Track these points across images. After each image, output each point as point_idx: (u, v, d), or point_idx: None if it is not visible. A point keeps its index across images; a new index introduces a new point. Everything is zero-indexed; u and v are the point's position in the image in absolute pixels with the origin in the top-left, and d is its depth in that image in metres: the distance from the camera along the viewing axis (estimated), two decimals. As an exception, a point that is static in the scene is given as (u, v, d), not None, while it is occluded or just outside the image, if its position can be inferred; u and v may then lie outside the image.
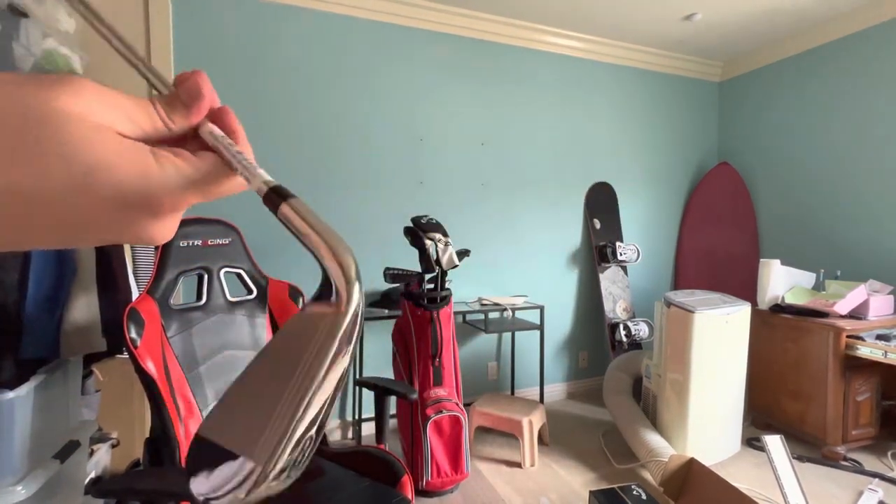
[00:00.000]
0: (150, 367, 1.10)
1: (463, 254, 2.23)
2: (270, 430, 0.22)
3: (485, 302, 2.81)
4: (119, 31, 0.29)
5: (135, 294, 1.59)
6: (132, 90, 0.24)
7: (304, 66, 2.53)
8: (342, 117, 2.61)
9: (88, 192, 0.21)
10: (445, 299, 2.13)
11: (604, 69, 3.30)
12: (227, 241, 1.47)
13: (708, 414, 2.23)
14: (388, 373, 2.76)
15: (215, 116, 0.29)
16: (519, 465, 2.31)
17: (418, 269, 2.16)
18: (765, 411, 2.68)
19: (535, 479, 2.18)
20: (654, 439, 2.19)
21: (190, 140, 0.28)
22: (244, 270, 1.51)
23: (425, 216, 2.16)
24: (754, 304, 2.75)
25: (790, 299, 2.62)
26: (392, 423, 2.78)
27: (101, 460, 1.67)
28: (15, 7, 1.35)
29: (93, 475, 1.58)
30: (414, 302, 2.11)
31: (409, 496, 1.27)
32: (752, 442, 2.50)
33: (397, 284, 2.64)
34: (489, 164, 2.98)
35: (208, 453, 0.22)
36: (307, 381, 0.23)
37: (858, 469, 2.23)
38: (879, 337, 2.25)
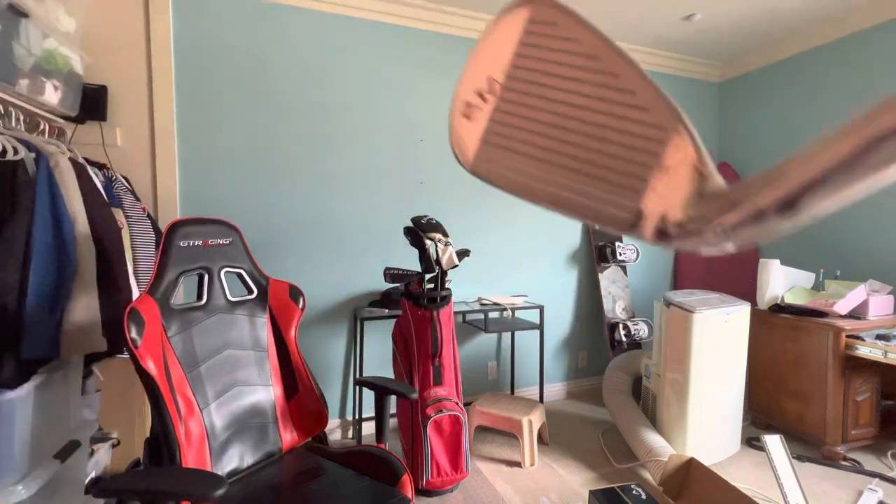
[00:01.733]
0: (151, 366, 1.10)
1: (463, 254, 2.23)
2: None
3: (485, 302, 2.81)
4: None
5: (135, 294, 1.59)
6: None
7: (305, 67, 2.53)
8: (342, 117, 2.61)
9: None
10: (445, 299, 2.13)
11: (604, 69, 3.30)
12: (228, 242, 1.47)
13: (707, 414, 2.23)
14: (388, 372, 2.76)
15: None
16: (519, 464, 2.31)
17: (418, 269, 2.16)
18: (764, 411, 2.68)
19: (534, 479, 2.18)
20: (653, 439, 2.19)
21: None
22: (244, 270, 1.51)
23: (425, 216, 2.16)
24: (754, 304, 2.75)
25: (790, 299, 2.62)
26: (392, 422, 2.79)
27: (101, 460, 1.68)
28: (15, 7, 1.35)
29: (93, 475, 1.58)
30: (414, 302, 2.11)
31: (409, 495, 1.27)
32: (751, 442, 2.50)
33: (397, 284, 2.64)
34: (489, 164, 2.98)
35: None
36: None
37: (858, 469, 2.23)
38: (879, 337, 2.25)
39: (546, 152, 0.31)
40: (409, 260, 2.79)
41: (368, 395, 2.67)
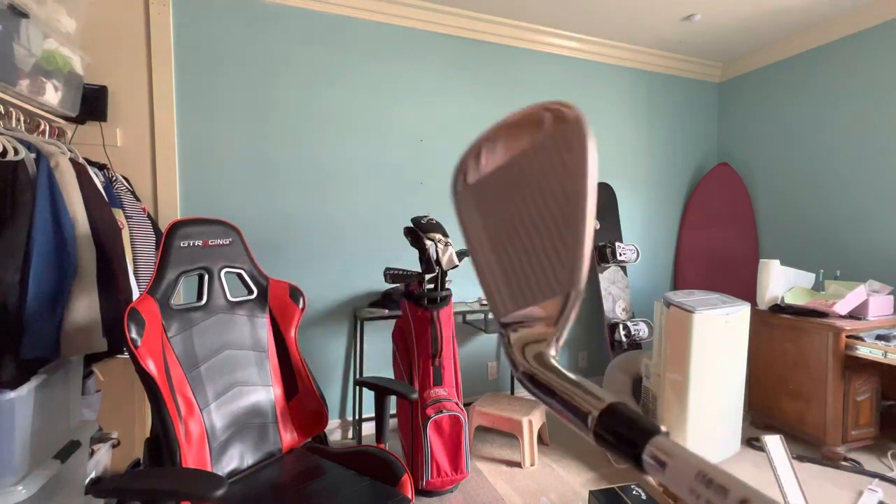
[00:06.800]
0: (151, 366, 1.10)
1: (463, 254, 2.23)
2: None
3: (485, 302, 2.81)
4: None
5: (135, 294, 1.59)
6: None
7: (305, 67, 2.53)
8: (342, 118, 2.61)
9: None
10: (445, 299, 2.13)
11: (603, 70, 3.30)
12: (228, 242, 1.47)
13: (707, 414, 2.23)
14: (388, 373, 2.76)
15: None
16: (519, 464, 2.31)
17: (418, 269, 2.16)
18: (765, 411, 2.68)
19: (534, 479, 2.18)
20: (653, 439, 2.19)
21: None
22: (245, 270, 1.51)
23: (425, 216, 2.16)
24: (754, 304, 2.75)
25: (790, 299, 2.62)
26: (392, 422, 2.78)
27: (101, 460, 1.68)
28: (15, 7, 1.35)
29: (93, 475, 1.58)
30: (414, 302, 2.11)
31: (409, 496, 1.28)
32: (751, 442, 2.50)
33: (397, 284, 2.64)
34: (489, 165, 2.97)
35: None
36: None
37: (858, 469, 2.23)
38: (879, 337, 2.25)
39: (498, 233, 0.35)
40: (410, 260, 2.79)
41: (368, 396, 2.67)
